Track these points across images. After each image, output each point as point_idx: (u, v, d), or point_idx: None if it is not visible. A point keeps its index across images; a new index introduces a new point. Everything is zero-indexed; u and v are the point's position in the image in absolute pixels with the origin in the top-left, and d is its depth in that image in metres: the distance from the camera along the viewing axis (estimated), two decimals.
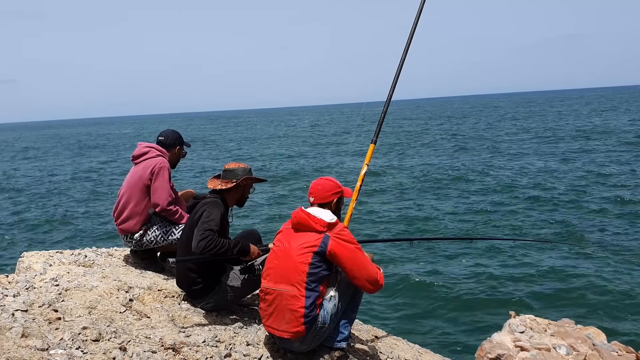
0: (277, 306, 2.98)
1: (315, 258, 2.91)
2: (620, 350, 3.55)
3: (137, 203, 4.17)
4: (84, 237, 14.47)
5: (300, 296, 2.90)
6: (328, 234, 2.95)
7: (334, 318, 3.03)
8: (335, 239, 2.93)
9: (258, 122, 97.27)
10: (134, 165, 4.32)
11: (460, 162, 24.94)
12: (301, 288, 2.90)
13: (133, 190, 4.18)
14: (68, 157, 41.71)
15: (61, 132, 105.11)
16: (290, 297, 2.92)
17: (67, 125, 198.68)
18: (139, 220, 4.18)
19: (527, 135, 36.11)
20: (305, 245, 2.94)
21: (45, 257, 4.40)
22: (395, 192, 18.63)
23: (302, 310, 2.90)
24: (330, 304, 2.99)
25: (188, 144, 4.57)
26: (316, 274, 2.91)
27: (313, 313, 2.93)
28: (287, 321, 2.94)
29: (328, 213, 3.05)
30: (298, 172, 25.08)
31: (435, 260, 10.62)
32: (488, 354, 3.52)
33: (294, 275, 2.92)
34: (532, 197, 16.17)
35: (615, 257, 10.22)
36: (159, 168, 4.14)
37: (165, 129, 4.55)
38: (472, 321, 7.84)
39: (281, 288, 2.96)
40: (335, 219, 3.03)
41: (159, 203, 4.11)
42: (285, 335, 2.97)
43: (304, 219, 3.01)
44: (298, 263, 2.92)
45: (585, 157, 24.21)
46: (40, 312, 2.98)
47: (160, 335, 3.03)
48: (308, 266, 2.90)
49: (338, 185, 3.20)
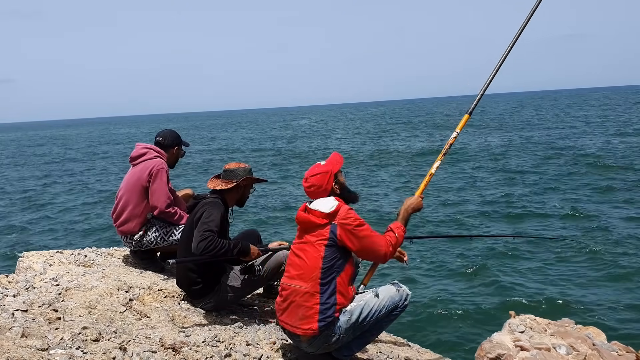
0: (292, 302, 2.95)
1: (327, 251, 2.89)
2: (620, 350, 3.54)
3: (135, 205, 4.16)
4: (84, 237, 14.47)
5: (315, 292, 2.87)
6: (334, 222, 2.91)
7: (348, 334, 2.96)
8: (341, 227, 2.89)
9: (263, 120, 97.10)
10: (132, 166, 4.30)
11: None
12: (315, 284, 2.87)
13: (131, 192, 4.17)
14: (68, 157, 41.70)
15: (61, 133, 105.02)
16: (305, 293, 2.89)
17: (65, 125, 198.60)
18: (138, 222, 4.18)
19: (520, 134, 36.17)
20: (316, 240, 2.92)
21: (45, 257, 4.40)
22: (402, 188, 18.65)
23: (316, 307, 2.87)
24: (348, 317, 2.94)
25: (186, 143, 4.54)
26: (330, 267, 2.88)
27: (331, 316, 2.89)
28: (300, 317, 2.91)
29: (327, 201, 2.97)
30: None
31: (435, 259, 10.61)
32: (488, 354, 3.51)
33: (308, 271, 2.90)
34: (532, 196, 16.19)
35: (616, 256, 10.21)
36: (156, 170, 4.12)
37: (163, 129, 4.52)
38: (472, 321, 7.84)
39: (296, 284, 2.94)
40: (335, 206, 2.94)
41: (157, 206, 4.11)
42: (297, 331, 2.93)
43: (305, 218, 2.99)
44: (312, 258, 2.90)
45: (587, 156, 24.21)
46: (40, 312, 2.98)
47: (160, 335, 3.03)
48: (321, 260, 2.88)
49: (325, 170, 3.04)
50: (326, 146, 37.00)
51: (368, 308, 2.98)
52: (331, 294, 2.89)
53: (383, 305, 3.02)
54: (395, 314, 3.11)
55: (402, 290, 3.13)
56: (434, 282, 9.37)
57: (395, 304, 3.07)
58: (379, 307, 3.01)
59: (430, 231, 13.01)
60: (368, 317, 2.98)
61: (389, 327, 3.28)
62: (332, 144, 39.20)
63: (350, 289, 3.01)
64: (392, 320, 3.14)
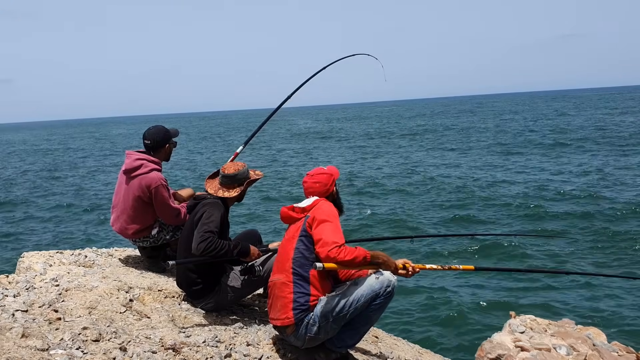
0: (273, 296, 3.07)
1: (299, 243, 3.00)
2: (620, 350, 3.55)
3: (143, 217, 4.10)
4: (84, 238, 14.47)
5: (288, 282, 2.97)
6: (308, 214, 3.05)
7: (328, 322, 2.95)
8: (312, 215, 3.01)
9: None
10: (126, 176, 4.11)
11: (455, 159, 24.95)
12: (289, 274, 2.98)
13: (136, 209, 4.06)
14: (67, 157, 41.71)
15: (59, 133, 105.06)
16: (281, 285, 3.00)
17: (62, 125, 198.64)
18: (150, 225, 4.16)
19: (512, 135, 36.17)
20: (292, 233, 3.09)
21: (45, 257, 4.40)
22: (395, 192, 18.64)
23: (290, 295, 2.95)
24: (324, 305, 2.96)
25: (175, 132, 4.30)
26: (303, 257, 2.97)
27: (305, 304, 2.94)
28: (278, 309, 3.01)
29: (309, 199, 3.17)
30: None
31: (435, 259, 10.62)
32: (488, 354, 3.52)
33: (283, 263, 3.04)
34: (532, 195, 16.18)
35: (616, 256, 10.21)
36: (155, 188, 3.98)
37: (148, 128, 4.23)
38: (473, 321, 7.84)
39: (275, 278, 3.07)
40: (313, 201, 3.12)
41: (165, 221, 4.13)
42: (277, 322, 3.03)
43: (286, 214, 3.18)
44: (287, 251, 3.05)
45: (587, 156, 24.21)
46: (40, 312, 2.98)
47: (161, 336, 3.03)
48: (293, 251, 3.00)
49: (330, 174, 3.27)
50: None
51: (345, 297, 2.96)
52: (304, 283, 2.96)
53: (361, 294, 2.95)
54: (379, 302, 3.00)
55: (383, 278, 3.00)
56: (434, 282, 9.37)
57: (374, 292, 2.97)
58: (356, 295, 2.95)
59: (430, 231, 13.02)
60: (346, 307, 2.94)
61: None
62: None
63: (326, 282, 3.05)
64: (379, 310, 3.07)
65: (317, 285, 2.99)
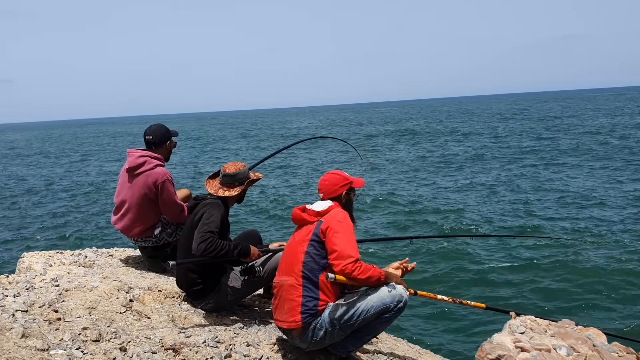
0: (280, 297, 3.05)
1: (311, 247, 2.97)
2: (620, 351, 3.54)
3: (148, 216, 4.11)
4: (84, 238, 14.47)
5: (298, 285, 2.95)
6: (322, 219, 3.03)
7: (335, 329, 2.93)
8: (326, 222, 2.99)
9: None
10: (129, 174, 4.12)
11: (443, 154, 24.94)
12: (298, 277, 2.95)
13: (141, 207, 4.07)
14: (67, 157, 41.71)
15: (59, 133, 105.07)
16: (289, 287, 2.98)
17: (62, 125, 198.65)
18: (153, 225, 4.16)
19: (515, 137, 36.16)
20: (304, 237, 3.04)
21: (45, 257, 4.40)
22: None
23: (299, 299, 2.93)
24: (332, 311, 2.93)
25: (175, 132, 4.37)
26: (313, 262, 2.94)
27: (314, 308, 2.93)
28: (286, 311, 2.99)
29: (324, 203, 3.13)
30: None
31: (434, 260, 10.61)
32: (488, 355, 3.51)
33: (293, 266, 3.00)
34: (532, 194, 16.17)
35: (617, 256, 10.21)
36: (161, 182, 4.00)
37: (149, 126, 4.30)
38: (473, 322, 7.83)
39: (283, 279, 3.04)
40: (328, 206, 3.09)
41: (170, 218, 4.13)
42: (284, 325, 3.01)
43: (298, 215, 3.14)
44: (297, 253, 3.01)
45: (590, 155, 24.21)
46: (40, 313, 2.98)
47: (161, 336, 3.03)
48: (304, 255, 2.97)
49: (345, 178, 3.25)
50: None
51: (354, 306, 2.93)
52: (313, 288, 2.94)
53: (371, 306, 2.92)
54: (388, 316, 2.98)
55: (395, 292, 2.96)
56: (434, 283, 9.37)
57: (385, 305, 2.94)
58: (366, 306, 2.92)
59: (431, 231, 13.01)
60: (355, 316, 2.92)
61: (389, 327, 3.27)
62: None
63: (336, 287, 3.00)
64: (386, 323, 3.04)
65: (326, 290, 2.96)
